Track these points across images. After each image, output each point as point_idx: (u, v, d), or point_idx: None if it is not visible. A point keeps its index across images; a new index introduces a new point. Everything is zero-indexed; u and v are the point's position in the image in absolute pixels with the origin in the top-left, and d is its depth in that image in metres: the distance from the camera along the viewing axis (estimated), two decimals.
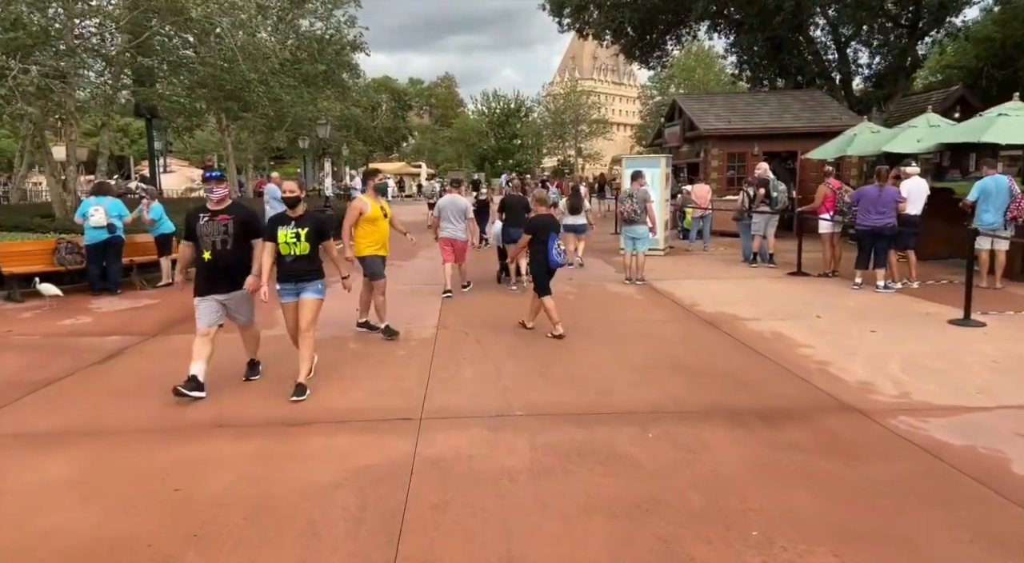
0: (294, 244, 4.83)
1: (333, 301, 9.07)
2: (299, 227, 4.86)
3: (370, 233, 6.54)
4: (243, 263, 4.87)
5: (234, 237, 4.79)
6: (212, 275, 4.83)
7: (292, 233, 4.84)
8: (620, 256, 12.75)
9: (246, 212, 5.00)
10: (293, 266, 4.87)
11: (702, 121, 16.81)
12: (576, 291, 9.34)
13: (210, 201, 4.87)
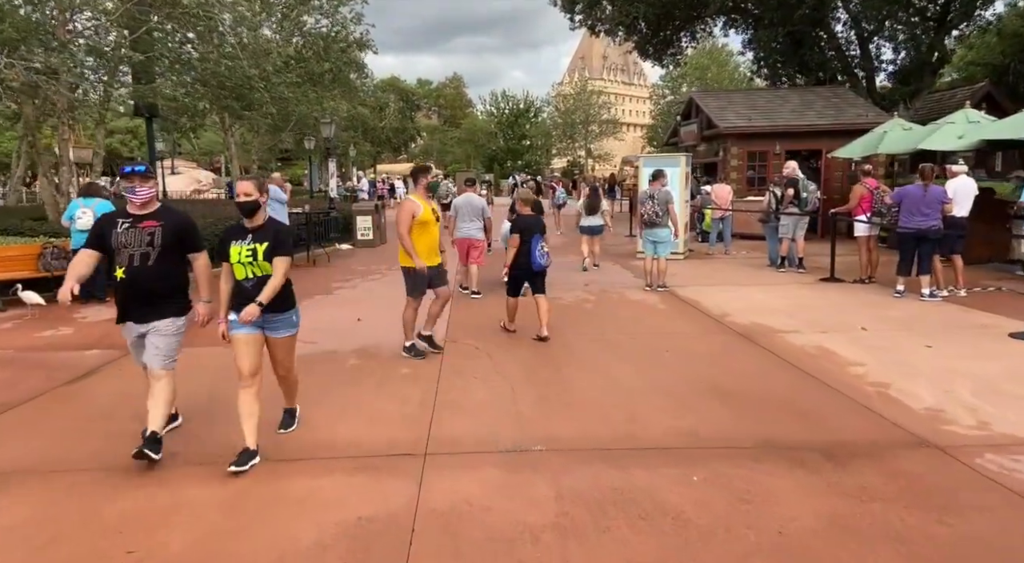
0: (250, 264, 3.64)
1: (331, 308, 8.72)
2: (257, 242, 3.66)
3: (420, 238, 5.75)
4: (169, 285, 3.79)
5: (160, 250, 3.71)
6: (126, 299, 3.77)
7: (248, 250, 3.63)
8: (638, 260, 12.13)
9: (179, 219, 3.89)
10: (254, 293, 3.63)
11: (721, 119, 16.12)
12: (594, 298, 8.70)
13: (131, 203, 3.77)
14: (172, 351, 3.86)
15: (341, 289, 9.73)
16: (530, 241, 6.19)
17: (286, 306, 3.85)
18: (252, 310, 3.57)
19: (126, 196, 3.78)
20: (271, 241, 3.69)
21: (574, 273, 11.00)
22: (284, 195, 11.66)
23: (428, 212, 5.78)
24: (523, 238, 6.22)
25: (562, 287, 9.50)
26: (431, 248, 5.85)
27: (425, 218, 5.74)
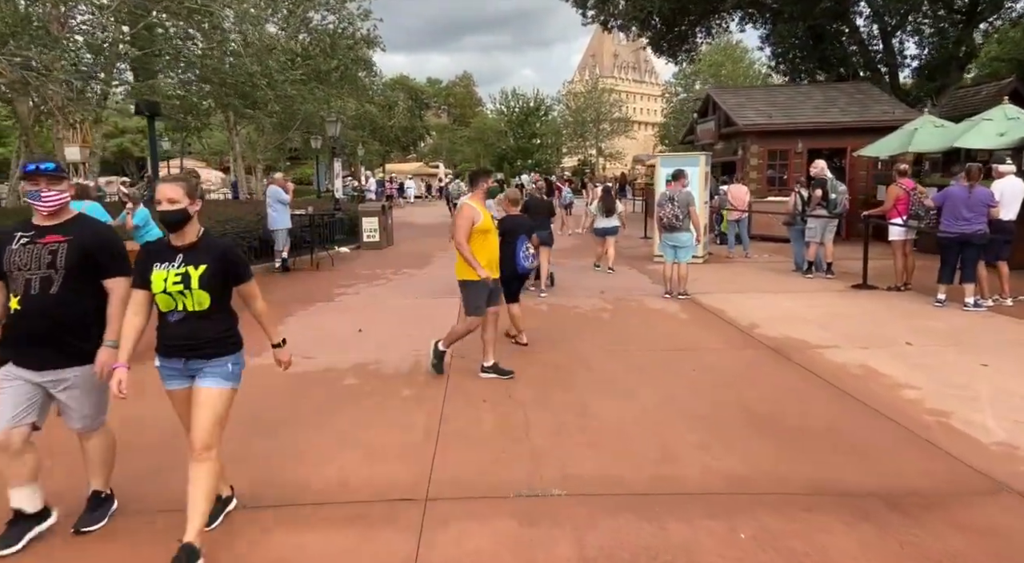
0: (180, 294, 2.73)
1: (331, 317, 8.10)
2: (189, 264, 2.73)
3: (480, 248, 5.20)
4: (79, 319, 2.88)
5: (65, 274, 2.81)
6: (21, 335, 2.84)
7: (177, 274, 2.72)
8: (655, 264, 11.58)
9: (93, 232, 2.95)
10: (180, 331, 2.79)
11: (740, 116, 15.53)
12: (611, 307, 8.18)
13: (37, 213, 2.86)
14: (100, 408, 3.06)
15: (343, 295, 9.26)
16: (515, 242, 5.83)
17: (221, 350, 2.87)
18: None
19: (31, 203, 2.85)
20: (214, 265, 2.77)
21: (588, 276, 10.48)
22: (286, 196, 11.22)
23: (488, 220, 5.25)
24: (507, 239, 5.83)
25: (577, 293, 8.99)
26: (491, 261, 5.26)
27: (485, 226, 5.21)
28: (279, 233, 11.19)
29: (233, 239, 11.29)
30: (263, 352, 6.12)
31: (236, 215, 12.19)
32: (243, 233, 11.59)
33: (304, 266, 12.08)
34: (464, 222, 5.17)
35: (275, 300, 8.86)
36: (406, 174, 43.98)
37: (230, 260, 2.89)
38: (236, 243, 11.36)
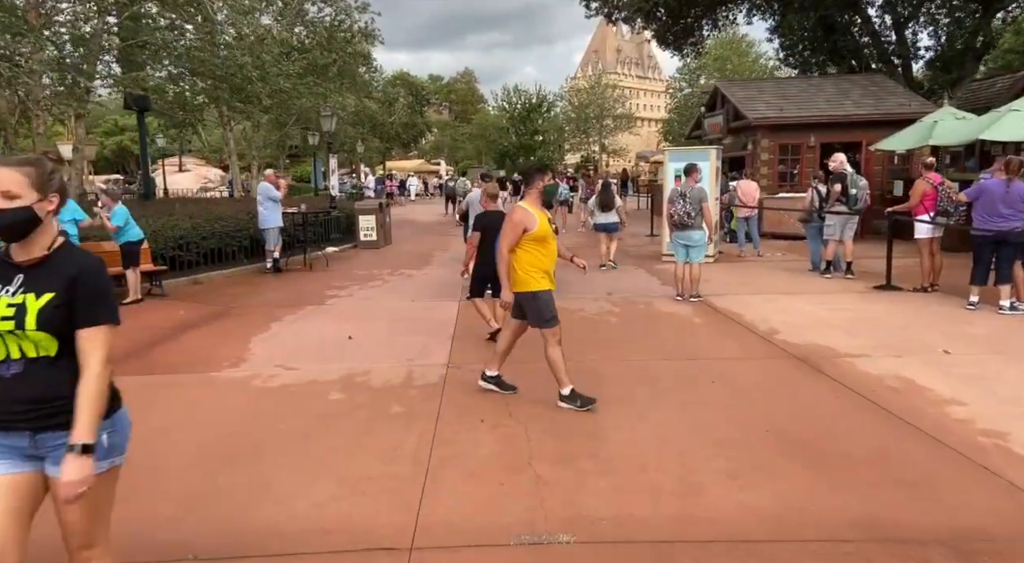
0: (11, 333, 1.82)
1: (320, 322, 7.41)
2: (30, 289, 1.85)
3: (537, 258, 4.45)
4: None
5: None
6: None
7: (9, 306, 1.82)
8: (663, 264, 11.08)
9: None
10: (19, 391, 1.85)
11: (750, 109, 14.98)
12: (619, 310, 7.67)
13: None
14: None
15: (335, 298, 8.77)
16: (494, 240, 5.44)
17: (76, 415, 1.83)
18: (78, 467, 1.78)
19: None
20: (65, 291, 1.85)
21: (593, 277, 9.98)
22: (277, 193, 10.73)
23: (545, 225, 4.48)
24: (486, 236, 5.76)
25: (582, 295, 8.49)
26: (550, 270, 4.54)
27: (542, 233, 4.44)
28: (270, 232, 10.70)
29: (221, 239, 10.84)
30: (240, 363, 5.68)
31: (227, 213, 11.72)
32: (233, 232, 11.12)
33: (297, 266, 11.60)
34: (513, 228, 4.39)
35: (262, 304, 8.38)
36: (407, 171, 43.49)
37: (84, 286, 1.88)
38: (225, 243, 10.91)
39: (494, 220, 5.81)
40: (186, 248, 10.21)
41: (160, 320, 7.41)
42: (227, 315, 7.75)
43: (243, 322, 7.34)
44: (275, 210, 10.65)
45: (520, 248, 4.45)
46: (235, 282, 10.14)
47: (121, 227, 8.05)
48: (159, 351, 6.17)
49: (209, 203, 14.80)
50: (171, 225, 10.18)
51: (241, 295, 9.01)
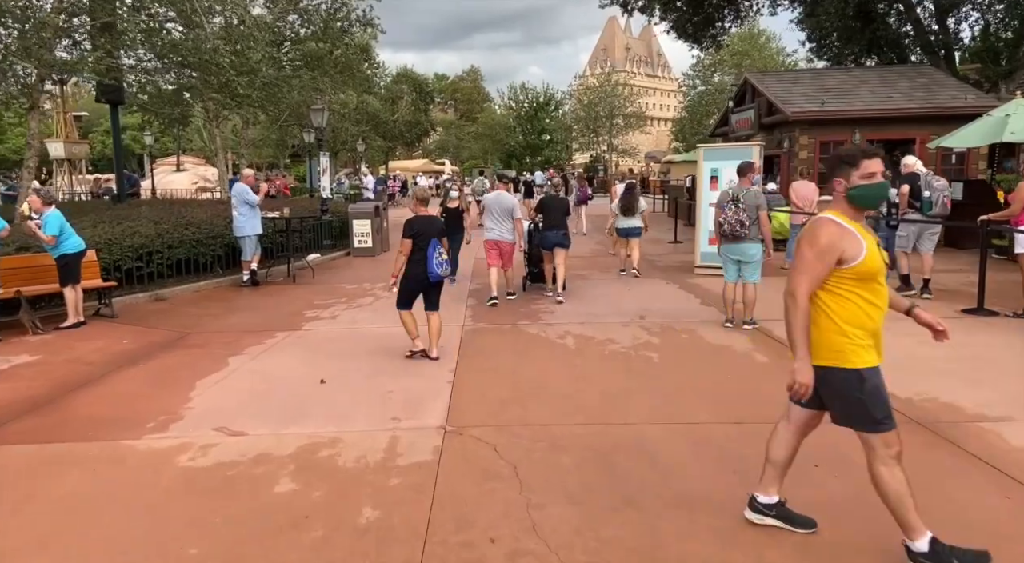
0: None
1: (288, 357, 5.81)
2: None
3: (861, 311, 2.56)
4: None
5: None
6: None
7: None
8: (696, 276, 9.65)
9: None
10: None
11: (786, 102, 13.52)
12: (658, 342, 6.24)
13: None
14: None
15: (315, 321, 7.37)
16: (426, 247, 5.34)
17: None
18: None
19: None
20: None
21: (618, 291, 8.55)
22: (254, 196, 9.34)
23: (875, 252, 2.54)
24: (417, 243, 5.35)
25: (610, 318, 7.08)
26: (878, 332, 2.61)
27: (871, 266, 2.52)
28: (246, 241, 9.32)
29: (191, 247, 9.48)
30: (172, 424, 4.28)
31: (202, 217, 10.34)
32: (206, 239, 9.74)
33: (279, 279, 10.21)
34: (818, 256, 2.52)
35: (226, 328, 6.99)
36: (413, 171, 42.16)
37: None
38: (196, 252, 9.54)
39: (425, 225, 5.42)
40: (148, 259, 8.85)
41: (94, 352, 6.03)
42: (179, 345, 6.36)
43: (195, 356, 5.95)
44: (252, 215, 9.27)
45: (831, 290, 2.58)
46: (204, 298, 8.76)
47: (56, 237, 6.67)
48: (75, 401, 4.79)
49: (189, 205, 13.42)
50: (130, 232, 8.82)
51: (205, 316, 7.63)
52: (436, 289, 5.61)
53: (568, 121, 52.69)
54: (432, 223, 5.52)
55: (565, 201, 8.76)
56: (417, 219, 5.49)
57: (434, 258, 5.31)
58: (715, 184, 9.86)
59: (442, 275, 5.42)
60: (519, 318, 7.33)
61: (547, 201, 8.43)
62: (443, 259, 5.41)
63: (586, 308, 7.79)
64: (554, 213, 8.11)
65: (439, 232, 5.48)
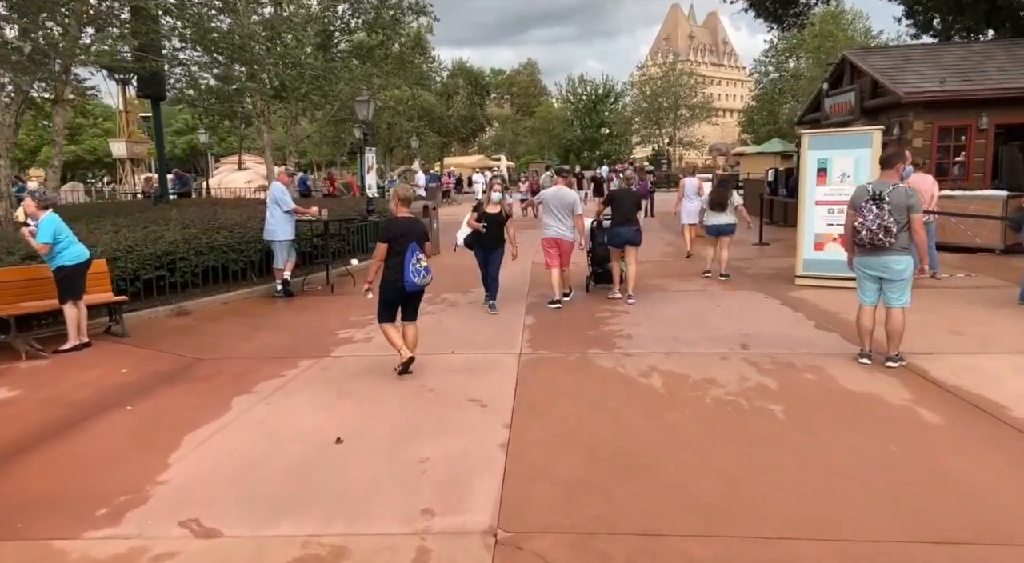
0: None
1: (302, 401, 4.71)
2: None
3: None
4: None
5: None
6: None
7: None
8: (798, 288, 8.04)
9: None
10: None
11: (898, 82, 11.60)
12: (775, 385, 4.77)
13: None
14: None
15: (346, 345, 6.25)
16: (403, 252, 4.89)
17: None
18: None
19: None
20: None
21: (703, 303, 7.08)
22: (290, 199, 8.34)
23: None
24: (394, 247, 4.94)
25: (701, 345, 5.63)
26: None
27: None
28: (278, 246, 8.34)
29: (223, 253, 8.58)
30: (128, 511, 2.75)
31: (236, 220, 9.44)
32: (239, 244, 8.82)
33: (318, 288, 9.20)
34: None
35: (244, 354, 5.95)
36: (468, 167, 41.26)
37: None
38: (229, 258, 8.64)
39: (408, 228, 5.00)
40: (173, 267, 7.98)
41: (82, 388, 5.07)
42: (184, 377, 5.34)
43: (197, 395, 4.90)
44: (286, 219, 8.27)
45: None
46: (231, 313, 7.81)
47: (50, 245, 5.77)
48: (20, 466, 3.77)
49: (233, 206, 12.67)
50: (154, 237, 7.97)
51: (226, 336, 6.64)
52: (415, 299, 5.18)
53: (628, 113, 50.64)
54: (412, 226, 5.06)
55: (636, 194, 8.36)
56: (396, 221, 5.07)
57: (411, 265, 4.85)
58: (823, 178, 8.23)
59: (419, 284, 4.93)
60: (588, 343, 6.00)
61: (616, 194, 7.94)
62: (421, 266, 4.91)
63: (669, 330, 6.37)
64: (625, 207, 7.66)
65: (420, 236, 5.02)
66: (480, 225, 7.26)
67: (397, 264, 4.87)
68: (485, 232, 7.25)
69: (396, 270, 4.88)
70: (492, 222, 7.30)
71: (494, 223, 7.31)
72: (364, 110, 11.65)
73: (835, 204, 8.16)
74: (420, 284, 4.93)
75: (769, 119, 40.17)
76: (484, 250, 7.38)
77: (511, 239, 7.35)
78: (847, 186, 8.06)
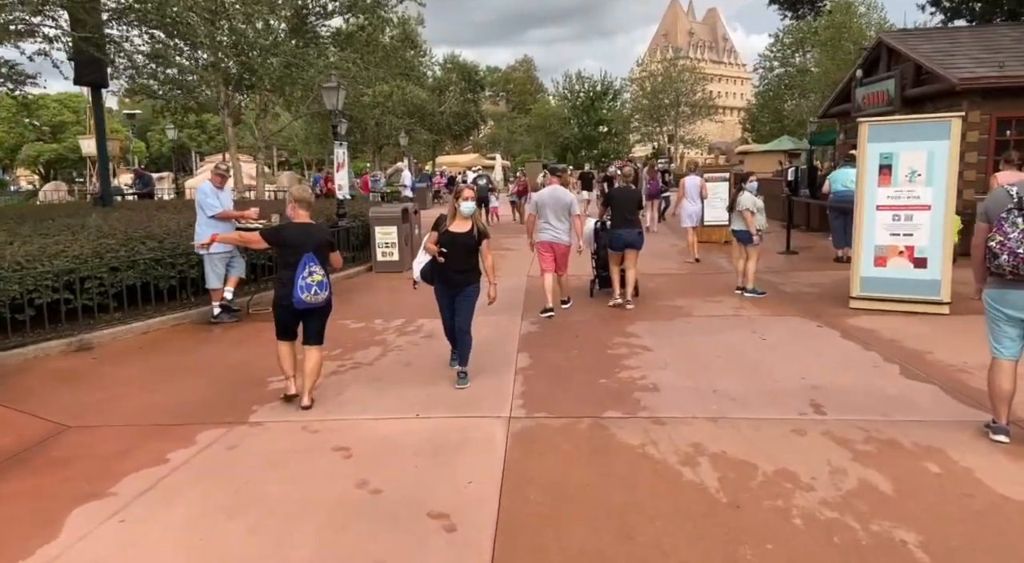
0: None
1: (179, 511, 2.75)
2: None
3: None
4: None
5: None
6: None
7: None
8: (856, 313, 6.44)
9: None
10: None
11: (949, 67, 10.06)
12: (888, 487, 3.19)
13: None
14: None
15: (276, 402, 4.65)
16: (296, 264, 4.16)
17: None
18: None
19: None
20: None
21: (741, 333, 5.50)
22: (216, 202, 6.74)
23: None
24: (284, 257, 4.29)
25: (764, 414, 4.04)
26: None
27: None
28: (207, 261, 6.74)
29: (146, 269, 6.97)
30: None
31: (173, 228, 7.84)
32: (170, 257, 7.19)
33: (268, 310, 7.57)
34: None
35: (129, 418, 4.34)
36: (462, 167, 39.68)
37: None
38: (156, 275, 7.04)
39: (301, 236, 4.28)
40: (79, 288, 6.37)
41: None
42: (25, 462, 3.75)
43: (26, 497, 3.32)
44: (211, 227, 6.64)
45: None
46: (148, 347, 6.19)
47: None
48: None
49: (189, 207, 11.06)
50: (54, 251, 6.37)
51: (125, 386, 5.04)
52: (315, 317, 4.43)
53: (628, 111, 49.08)
54: (309, 234, 4.37)
55: (637, 193, 7.67)
56: (289, 227, 4.44)
57: (300, 279, 4.18)
58: (886, 177, 6.67)
59: (309, 302, 4.22)
60: (601, 399, 4.44)
61: (615, 194, 7.38)
62: (313, 281, 4.21)
63: (707, 377, 4.81)
64: (624, 208, 7.06)
65: (318, 246, 4.34)
66: (438, 250, 4.69)
67: (288, 278, 4.21)
68: (447, 261, 4.69)
69: (286, 285, 4.23)
70: (459, 247, 4.72)
71: (462, 249, 4.73)
72: (333, 98, 10.04)
73: (901, 210, 6.62)
74: (311, 302, 4.21)
75: (773, 116, 38.63)
76: (447, 287, 4.82)
77: (488, 272, 4.85)
78: (917, 187, 6.55)
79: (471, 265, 4.80)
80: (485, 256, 4.84)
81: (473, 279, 4.81)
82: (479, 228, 4.81)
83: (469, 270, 4.79)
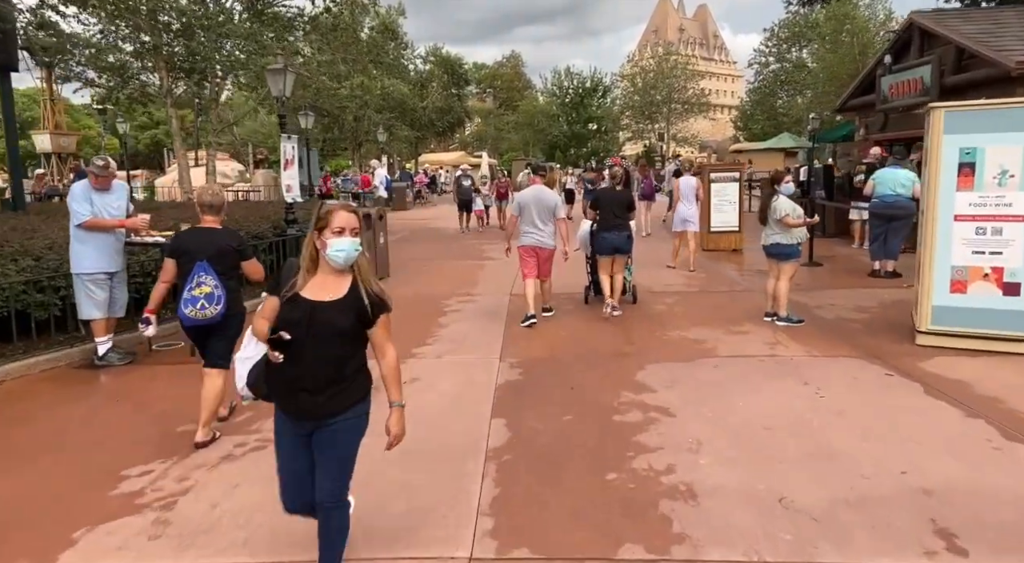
0: None
1: None
2: None
3: None
4: None
5: None
6: None
7: None
8: (930, 354, 4.92)
9: None
10: None
11: (1001, 50, 8.65)
12: None
13: None
14: None
15: (117, 521, 3.09)
16: (186, 275, 3.70)
17: None
18: None
19: None
20: None
21: (787, 383, 3.97)
22: (86, 208, 5.12)
23: None
24: (180, 267, 3.77)
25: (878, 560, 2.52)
26: None
27: None
28: (79, 283, 5.13)
29: (20, 295, 5.36)
30: None
31: (59, 242, 6.19)
32: (52, 280, 5.57)
33: (179, 345, 5.96)
34: None
35: None
36: (446, 165, 38.05)
37: None
38: (30, 301, 5.44)
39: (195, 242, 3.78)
40: None
41: None
42: None
43: None
44: (83, 240, 5.01)
45: None
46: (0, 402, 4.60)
47: None
48: None
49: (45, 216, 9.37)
50: None
51: None
52: (214, 336, 3.77)
53: (618, 108, 47.74)
54: (207, 239, 3.77)
55: (625, 194, 7.22)
56: (186, 233, 3.96)
57: (186, 291, 3.62)
58: (967, 178, 5.21)
59: (195, 318, 3.64)
60: (610, 518, 2.94)
61: (601, 195, 7.10)
62: (200, 294, 3.61)
63: (767, 474, 3.31)
64: (612, 210, 6.72)
65: (218, 253, 3.73)
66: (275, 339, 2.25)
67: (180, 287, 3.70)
68: (293, 363, 2.25)
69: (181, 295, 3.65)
70: (319, 332, 2.26)
71: (326, 336, 2.27)
72: (279, 83, 8.43)
73: (987, 221, 5.17)
74: (196, 318, 3.67)
75: (768, 113, 37.37)
76: (296, 414, 2.36)
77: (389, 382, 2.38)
78: (1009, 192, 5.09)
79: (348, 370, 2.33)
80: (381, 350, 2.38)
81: (349, 400, 2.34)
82: (369, 292, 2.30)
83: (342, 380, 2.32)
